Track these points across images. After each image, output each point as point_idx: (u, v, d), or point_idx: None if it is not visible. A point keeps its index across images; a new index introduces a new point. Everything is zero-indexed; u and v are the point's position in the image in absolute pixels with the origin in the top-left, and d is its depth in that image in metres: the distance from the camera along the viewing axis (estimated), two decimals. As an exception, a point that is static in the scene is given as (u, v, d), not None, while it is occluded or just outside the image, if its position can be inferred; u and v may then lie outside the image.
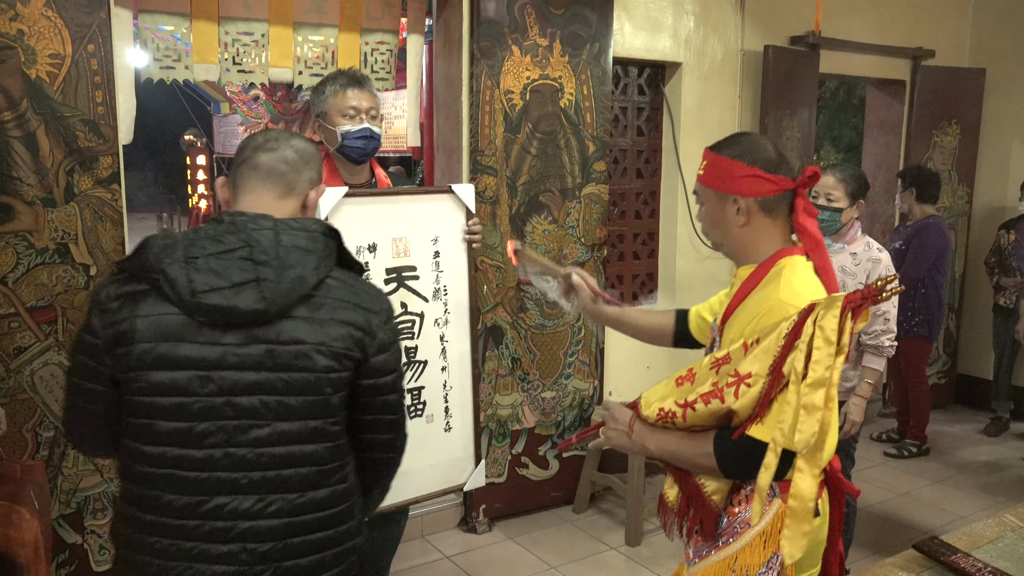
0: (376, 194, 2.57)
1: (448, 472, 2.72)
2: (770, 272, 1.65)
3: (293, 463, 1.50)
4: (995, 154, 5.56)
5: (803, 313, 1.46)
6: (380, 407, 1.62)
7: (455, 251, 2.65)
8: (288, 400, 1.47)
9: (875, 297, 1.41)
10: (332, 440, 1.54)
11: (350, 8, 3.38)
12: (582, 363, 4.00)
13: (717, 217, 1.72)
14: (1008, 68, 5.45)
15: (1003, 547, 1.63)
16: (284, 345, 1.46)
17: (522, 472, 3.91)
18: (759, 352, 1.49)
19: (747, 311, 1.63)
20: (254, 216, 1.50)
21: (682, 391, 1.61)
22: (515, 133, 3.66)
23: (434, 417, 2.66)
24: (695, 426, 1.60)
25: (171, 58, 3.08)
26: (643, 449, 1.70)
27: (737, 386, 1.50)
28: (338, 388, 1.52)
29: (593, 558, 3.60)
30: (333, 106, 2.57)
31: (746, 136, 1.72)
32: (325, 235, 1.54)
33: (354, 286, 1.57)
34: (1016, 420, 5.33)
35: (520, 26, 3.61)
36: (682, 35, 4.27)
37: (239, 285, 1.43)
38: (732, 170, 1.66)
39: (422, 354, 2.62)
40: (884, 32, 5.11)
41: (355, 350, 1.52)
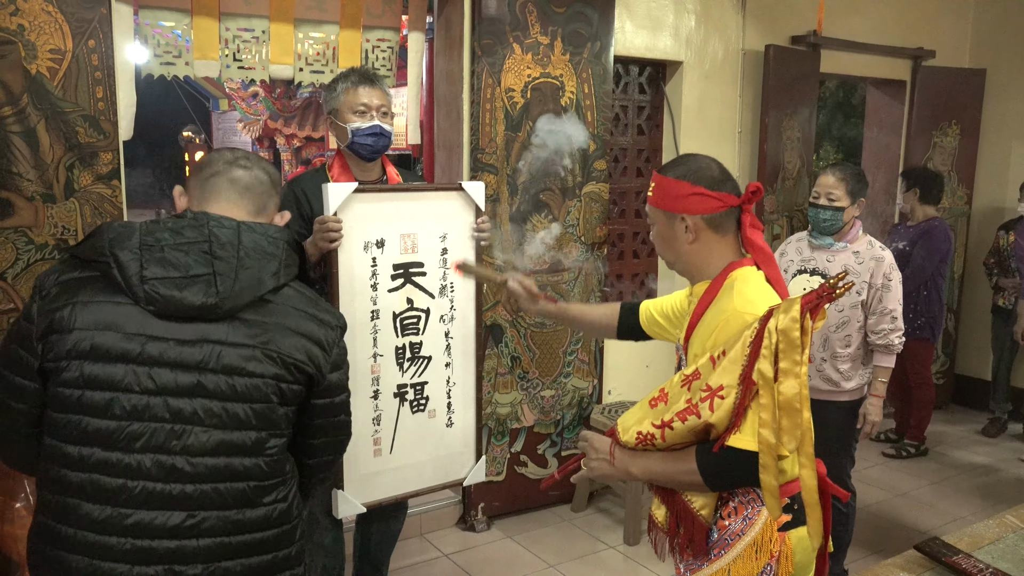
0: (386, 190, 2.57)
1: (449, 467, 2.73)
2: (723, 285, 1.69)
3: (231, 476, 1.39)
4: (995, 155, 5.57)
5: (763, 320, 1.49)
6: (331, 428, 1.56)
7: (463, 248, 2.65)
8: (231, 406, 1.39)
9: (830, 295, 1.45)
10: (274, 455, 1.44)
11: (351, 5, 3.37)
12: (581, 362, 4.00)
13: (667, 236, 1.77)
14: (1008, 69, 5.46)
15: (1004, 548, 1.63)
16: (232, 347, 1.39)
17: (521, 470, 3.90)
18: (727, 363, 1.52)
19: (706, 325, 1.66)
20: (218, 216, 1.46)
21: (657, 412, 1.62)
22: (516, 131, 3.66)
23: (436, 412, 2.67)
24: (675, 445, 1.62)
25: (172, 54, 3.07)
26: (627, 474, 1.71)
27: (711, 400, 1.52)
28: (287, 400, 1.44)
29: (591, 557, 3.60)
30: (344, 103, 2.58)
31: (691, 157, 1.77)
32: (288, 244, 1.51)
33: (313, 298, 1.52)
34: (1014, 421, 5.33)
35: (521, 24, 3.60)
36: (683, 34, 4.26)
37: (192, 278, 1.38)
38: (678, 190, 1.71)
39: (426, 350, 2.62)
40: (885, 32, 5.11)
41: (308, 364, 1.46)
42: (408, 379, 2.59)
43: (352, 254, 2.42)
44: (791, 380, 1.45)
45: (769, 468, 1.48)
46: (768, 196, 4.64)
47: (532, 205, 3.75)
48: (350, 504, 2.49)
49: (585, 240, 3.93)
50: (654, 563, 3.54)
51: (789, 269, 3.26)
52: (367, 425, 2.52)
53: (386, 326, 2.52)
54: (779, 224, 4.72)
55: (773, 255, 1.75)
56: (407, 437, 2.60)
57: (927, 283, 4.61)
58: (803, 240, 3.27)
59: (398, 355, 2.56)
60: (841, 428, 3.16)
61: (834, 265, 3.12)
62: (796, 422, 1.46)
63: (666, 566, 3.51)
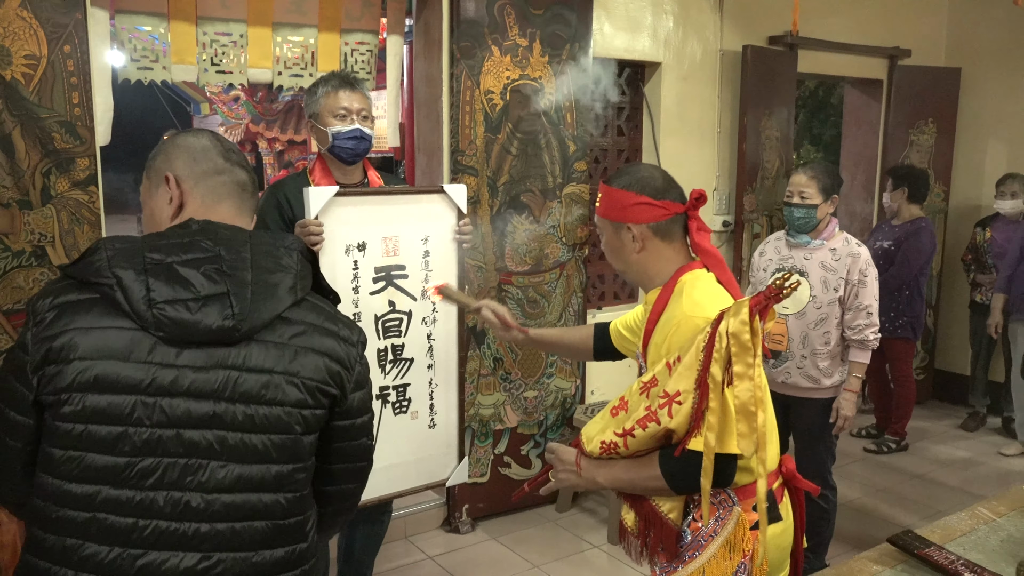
0: (367, 193, 2.58)
1: (432, 467, 2.74)
2: (674, 291, 1.73)
3: (249, 515, 1.28)
4: (971, 152, 5.63)
5: (715, 324, 1.51)
6: (352, 454, 1.44)
7: (445, 251, 2.66)
8: (250, 438, 1.28)
9: (777, 296, 1.47)
10: (296, 490, 1.33)
11: (330, 8, 3.37)
12: (564, 362, 4.01)
13: (615, 246, 1.80)
14: (983, 67, 5.52)
15: (976, 540, 1.66)
16: (250, 372, 1.27)
17: (505, 471, 3.91)
18: (682, 369, 1.54)
19: (660, 331, 1.69)
20: (227, 226, 1.36)
21: (618, 421, 1.64)
22: (496, 133, 3.67)
23: (419, 414, 2.68)
24: (638, 452, 1.64)
25: (149, 59, 3.06)
26: (593, 484, 1.73)
27: (669, 405, 1.54)
28: (310, 428, 1.33)
29: (576, 556, 3.62)
30: (325, 107, 2.58)
31: (635, 167, 1.81)
32: (302, 254, 1.40)
33: (332, 313, 1.41)
34: (993, 415, 5.39)
35: (500, 26, 3.61)
36: (661, 35, 4.29)
37: (206, 298, 1.25)
38: (623, 200, 1.74)
39: (408, 352, 2.63)
40: (861, 32, 5.16)
41: (331, 385, 1.34)
42: (391, 381, 2.60)
43: (334, 257, 2.43)
44: (745, 383, 1.47)
45: (707, 472, 1.50)
46: (748, 195, 4.67)
47: (513, 206, 3.76)
48: None
49: (566, 241, 3.94)
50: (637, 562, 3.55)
51: (768, 268, 3.29)
52: None
53: (368, 328, 2.52)
54: (759, 223, 4.76)
55: (722, 258, 1.78)
56: (390, 439, 2.60)
57: (909, 283, 4.66)
58: (781, 239, 3.31)
59: (380, 357, 2.56)
60: (821, 424, 3.19)
61: (812, 263, 3.16)
62: (752, 426, 1.48)
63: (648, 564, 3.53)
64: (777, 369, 3.20)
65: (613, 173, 1.83)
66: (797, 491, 1.75)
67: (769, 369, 3.22)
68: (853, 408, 3.15)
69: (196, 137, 1.45)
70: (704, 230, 1.77)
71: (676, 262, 1.76)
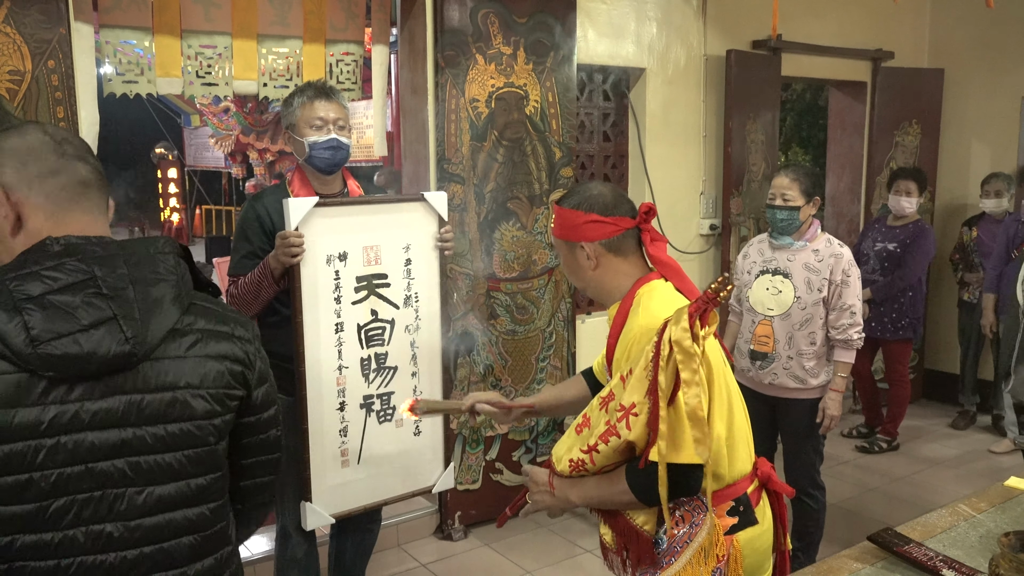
0: (347, 203, 2.59)
1: (418, 475, 2.75)
2: (632, 303, 1.73)
3: (176, 533, 1.26)
4: (955, 152, 5.67)
5: (659, 333, 1.53)
6: (261, 446, 1.41)
7: (427, 258, 2.67)
8: (164, 458, 1.24)
9: (715, 300, 1.48)
10: (218, 498, 1.32)
11: (314, 20, 3.40)
12: (554, 368, 4.03)
13: (571, 265, 1.82)
14: (966, 68, 5.57)
15: (955, 536, 1.68)
16: (153, 393, 1.22)
17: (496, 478, 3.92)
18: (634, 381, 1.55)
19: (621, 346, 1.70)
20: (95, 239, 1.24)
21: (583, 438, 1.65)
22: (481, 141, 3.69)
23: (403, 421, 2.69)
24: (605, 467, 1.64)
25: (134, 72, 3.08)
26: (568, 503, 1.73)
27: (626, 418, 1.55)
28: (223, 435, 1.31)
29: (569, 561, 3.63)
30: (301, 118, 2.59)
31: (584, 186, 1.82)
32: (176, 254, 1.31)
33: (221, 312, 1.34)
34: (983, 413, 5.42)
35: (484, 35, 3.64)
36: (645, 41, 4.32)
37: (95, 326, 1.17)
38: (574, 219, 1.76)
39: (392, 360, 2.64)
40: (844, 34, 5.20)
41: (236, 387, 1.31)
42: (374, 390, 2.61)
43: (315, 268, 2.44)
44: (692, 389, 1.48)
45: (663, 480, 1.51)
46: (734, 199, 4.70)
47: (500, 213, 3.78)
48: (318, 516, 2.50)
49: (554, 247, 3.96)
50: (630, 565, 3.57)
51: (752, 270, 3.31)
52: (334, 437, 2.53)
53: (351, 338, 2.53)
54: (746, 226, 4.79)
55: (679, 267, 1.78)
56: (375, 447, 2.61)
57: (913, 284, 4.69)
58: (764, 241, 3.33)
59: (363, 366, 2.57)
60: (809, 424, 3.21)
61: (795, 264, 3.18)
62: (704, 431, 1.50)
63: (642, 568, 3.54)
64: (764, 371, 3.22)
65: (564, 194, 1.85)
66: (776, 493, 1.77)
67: (756, 371, 3.24)
68: (839, 407, 3.17)
69: (20, 135, 1.27)
70: (658, 240, 1.78)
71: (632, 276, 1.77)
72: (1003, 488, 1.94)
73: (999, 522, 1.73)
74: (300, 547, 2.68)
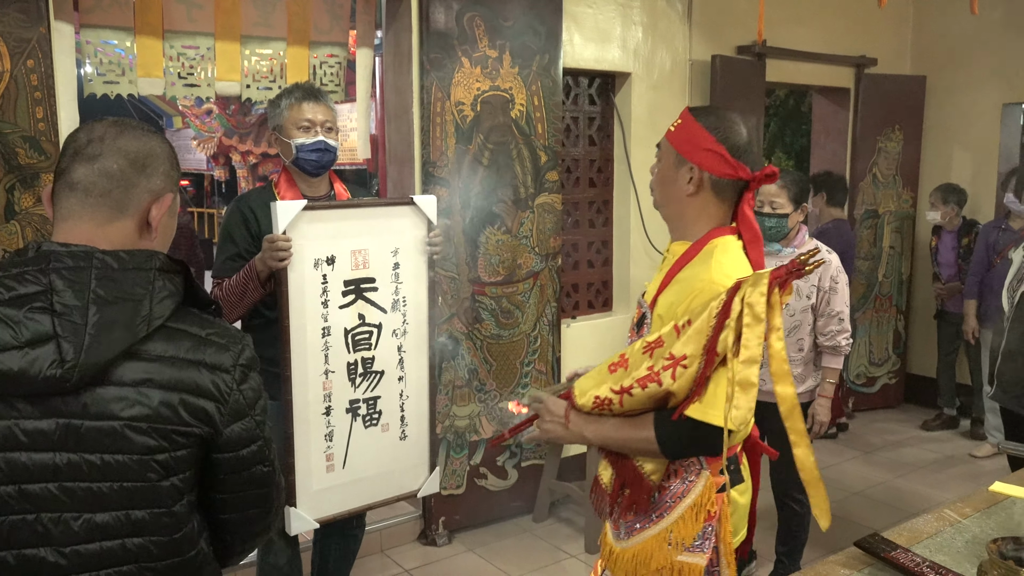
0: (335, 207, 2.56)
1: (403, 479, 2.73)
2: (702, 251, 1.67)
3: (116, 561, 1.19)
4: (937, 158, 5.72)
5: (731, 291, 1.49)
6: (245, 483, 1.30)
7: (415, 262, 2.64)
8: (100, 487, 1.17)
9: (799, 271, 1.47)
10: (168, 533, 1.22)
11: (298, 21, 3.37)
12: (539, 372, 4.02)
13: (669, 178, 1.73)
14: (947, 75, 5.61)
15: (941, 542, 1.68)
16: (91, 420, 1.15)
17: (481, 483, 3.90)
18: (692, 333, 1.51)
19: (678, 289, 1.65)
20: (69, 251, 1.18)
21: (616, 377, 1.62)
22: (467, 144, 3.68)
23: (389, 426, 2.66)
24: (631, 411, 1.62)
25: (115, 72, 3.04)
26: (580, 438, 1.72)
27: (673, 368, 1.52)
28: (172, 471, 1.20)
29: (553, 566, 3.61)
30: (288, 119, 2.56)
31: (726, 112, 1.73)
32: (163, 272, 1.23)
33: (200, 336, 1.24)
34: (964, 417, 5.46)
35: (469, 38, 3.63)
36: (631, 46, 4.32)
37: (32, 344, 1.12)
38: (700, 139, 1.67)
39: (379, 364, 2.62)
40: (828, 41, 5.23)
41: (195, 424, 1.20)
42: (360, 394, 2.58)
43: (302, 272, 2.41)
44: (753, 355, 1.46)
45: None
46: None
47: (485, 217, 3.76)
48: (303, 520, 2.47)
49: (539, 251, 3.95)
50: (615, 570, 3.56)
51: (738, 275, 3.31)
52: (319, 442, 2.50)
53: (337, 342, 2.51)
54: (731, 231, 4.80)
55: (761, 236, 1.73)
56: (360, 451, 2.59)
57: None
58: (751, 246, 3.33)
59: (350, 371, 2.55)
60: (794, 430, 3.21)
61: (781, 270, 3.18)
62: (750, 401, 1.47)
63: None
64: (749, 376, 3.22)
65: (703, 106, 1.74)
66: (753, 451, 1.79)
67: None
68: (828, 414, 3.18)
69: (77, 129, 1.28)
70: (751, 205, 1.72)
71: (714, 220, 1.70)
72: (988, 493, 1.94)
73: (984, 527, 1.74)
74: (283, 554, 2.65)
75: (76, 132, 1.27)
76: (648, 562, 1.67)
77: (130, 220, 1.25)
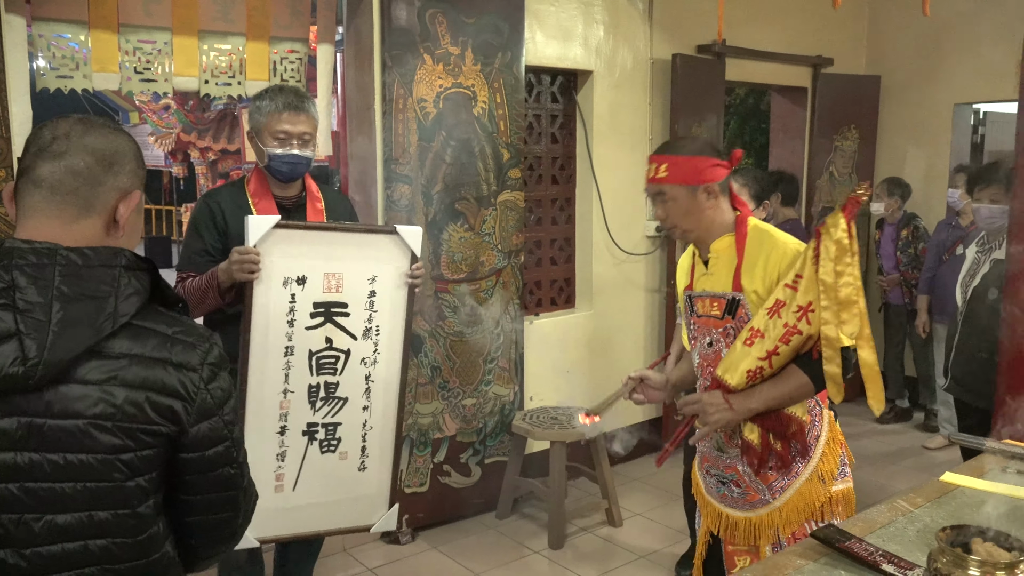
0: (314, 227, 2.47)
1: (357, 511, 2.65)
2: (750, 233, 2.03)
3: (77, 563, 1.17)
4: (892, 157, 5.84)
5: (817, 237, 1.86)
6: (211, 484, 1.29)
7: (393, 293, 2.55)
8: (62, 487, 1.15)
9: (858, 202, 1.85)
10: (130, 535, 1.20)
11: (258, 16, 3.33)
12: (502, 369, 4.03)
13: (689, 208, 2.03)
14: (901, 75, 5.74)
15: (894, 531, 1.72)
16: (54, 419, 1.13)
17: (444, 480, 3.90)
18: (807, 283, 1.86)
19: (759, 264, 1.98)
20: (33, 247, 1.17)
21: (758, 347, 1.92)
22: (429, 141, 3.67)
23: (348, 455, 2.58)
24: (778, 368, 1.93)
25: (69, 67, 2.98)
26: (749, 412, 1.97)
27: (805, 315, 1.87)
28: (137, 471, 1.19)
29: (517, 563, 3.63)
30: (266, 126, 2.50)
31: (690, 137, 2.15)
32: (129, 269, 1.22)
33: (167, 335, 1.23)
34: (918, 409, 5.58)
35: (431, 35, 3.62)
36: (593, 44, 4.35)
37: None
38: (699, 165, 2.01)
39: (343, 391, 2.54)
40: (786, 41, 5.31)
41: (162, 423, 1.19)
42: (320, 418, 2.51)
43: (269, 288, 2.35)
44: (846, 278, 1.83)
45: (832, 359, 1.86)
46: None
47: (448, 215, 3.76)
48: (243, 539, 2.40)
49: (502, 248, 3.96)
50: (578, 566, 3.59)
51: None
52: (271, 460, 2.44)
53: (300, 363, 2.43)
54: (691, 228, 4.85)
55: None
56: (313, 476, 2.52)
57: None
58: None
59: (311, 393, 2.48)
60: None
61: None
62: (853, 312, 1.84)
63: (589, 568, 3.56)
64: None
65: (669, 144, 2.13)
66: None
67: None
68: None
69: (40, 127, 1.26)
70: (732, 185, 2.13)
71: (729, 212, 2.07)
72: (939, 483, 2.00)
73: (935, 516, 1.78)
74: (243, 552, 2.62)
75: (40, 129, 1.25)
76: (812, 503, 2.03)
77: (97, 218, 1.24)
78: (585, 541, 3.82)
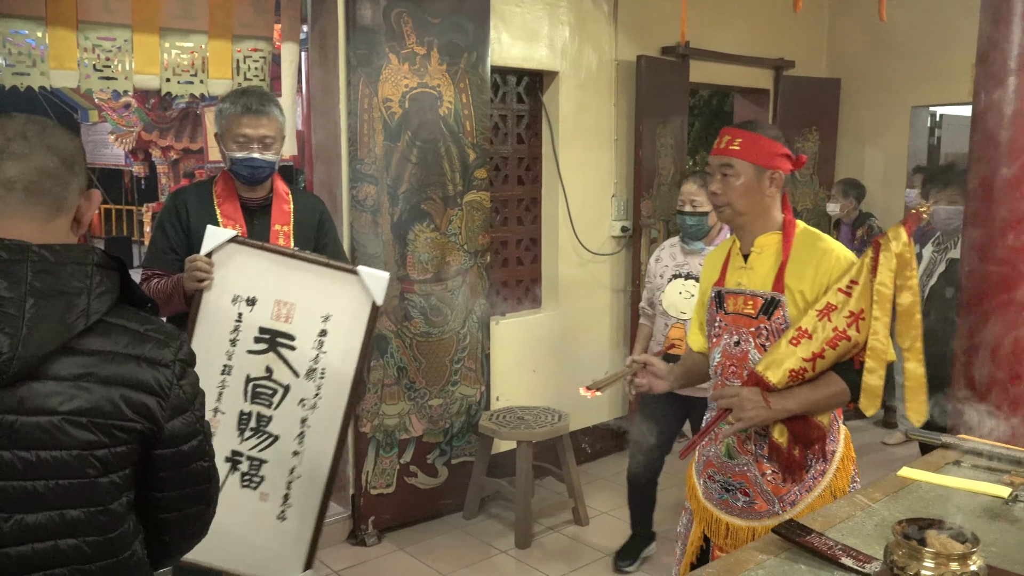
0: (272, 250, 2.37)
1: (266, 562, 2.42)
2: (798, 234, 2.02)
3: (47, 563, 1.16)
4: (851, 158, 5.94)
5: (875, 247, 1.88)
6: (185, 479, 1.31)
7: (347, 337, 2.39)
8: (34, 485, 1.14)
9: (919, 218, 1.88)
10: (101, 533, 1.20)
11: (220, 14, 3.30)
12: (468, 369, 4.03)
13: (753, 188, 2.00)
14: (860, 78, 5.84)
15: (853, 525, 1.75)
16: (27, 416, 1.13)
17: (411, 481, 3.89)
18: (861, 290, 1.88)
19: (814, 265, 1.96)
20: (3, 244, 1.17)
21: (804, 348, 1.90)
22: (395, 141, 3.66)
23: (269, 497, 2.41)
24: (821, 371, 1.93)
25: (26, 64, 2.92)
26: (785, 412, 1.94)
27: (856, 323, 1.88)
28: (111, 468, 1.19)
29: (484, 563, 3.63)
30: (227, 130, 2.48)
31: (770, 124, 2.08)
32: (100, 266, 1.22)
33: (139, 332, 1.23)
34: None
35: (397, 34, 3.61)
36: (558, 45, 4.37)
37: None
38: (773, 148, 2.00)
39: (275, 427, 2.39)
40: (748, 43, 5.38)
41: (136, 419, 1.20)
42: (246, 449, 2.38)
43: (218, 302, 2.30)
44: (907, 292, 1.87)
45: (875, 371, 1.88)
46: (645, 201, 4.80)
47: (414, 215, 3.75)
48: None
49: (468, 248, 3.96)
50: (545, 565, 3.60)
51: (664, 274, 3.38)
52: None
53: (236, 385, 2.35)
54: (656, 228, 4.89)
55: None
56: (229, 507, 2.19)
57: None
58: (676, 246, 3.41)
59: (241, 420, 2.37)
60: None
61: (704, 266, 3.27)
62: (911, 324, 1.89)
63: (556, 567, 3.57)
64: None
65: (749, 122, 2.08)
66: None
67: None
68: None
69: None
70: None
71: (779, 211, 2.06)
72: (896, 478, 2.04)
73: (892, 511, 1.82)
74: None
75: None
76: None
77: (65, 218, 1.25)
78: (552, 540, 3.84)
